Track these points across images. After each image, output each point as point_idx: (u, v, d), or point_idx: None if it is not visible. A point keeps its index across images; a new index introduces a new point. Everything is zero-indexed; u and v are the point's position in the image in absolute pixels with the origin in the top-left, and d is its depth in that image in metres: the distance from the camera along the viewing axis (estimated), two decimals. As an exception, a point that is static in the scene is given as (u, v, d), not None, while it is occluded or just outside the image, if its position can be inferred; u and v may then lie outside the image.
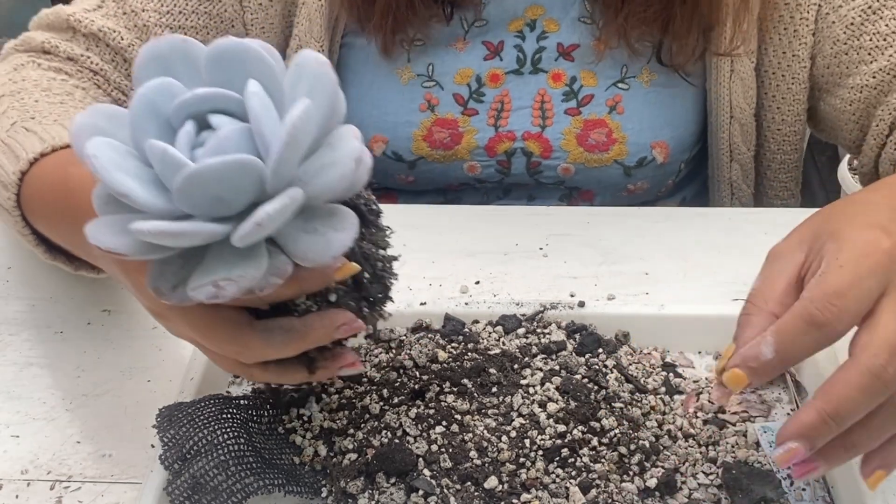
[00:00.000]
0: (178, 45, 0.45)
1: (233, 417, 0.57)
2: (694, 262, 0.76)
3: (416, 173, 0.90)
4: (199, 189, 0.42)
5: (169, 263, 0.45)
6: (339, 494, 0.55)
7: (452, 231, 0.80)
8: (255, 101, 0.43)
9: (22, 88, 0.72)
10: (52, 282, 0.76)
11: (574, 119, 0.86)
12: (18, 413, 0.64)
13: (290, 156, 0.42)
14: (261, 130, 0.42)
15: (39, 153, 0.61)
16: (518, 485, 0.54)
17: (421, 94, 0.86)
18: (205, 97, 0.44)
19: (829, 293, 0.45)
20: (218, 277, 0.43)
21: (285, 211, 0.42)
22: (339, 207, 0.46)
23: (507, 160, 0.88)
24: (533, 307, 0.66)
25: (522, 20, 0.85)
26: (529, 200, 0.92)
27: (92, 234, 0.43)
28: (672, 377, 0.63)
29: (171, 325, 0.53)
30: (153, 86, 0.44)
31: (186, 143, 0.43)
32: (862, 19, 0.80)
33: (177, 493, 0.52)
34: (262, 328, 0.49)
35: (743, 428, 0.59)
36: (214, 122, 0.44)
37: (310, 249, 0.45)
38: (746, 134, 0.88)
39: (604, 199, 0.91)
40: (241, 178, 0.42)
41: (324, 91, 0.44)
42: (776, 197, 0.94)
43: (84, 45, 0.79)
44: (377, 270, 0.51)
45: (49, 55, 0.79)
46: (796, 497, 0.55)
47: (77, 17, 0.79)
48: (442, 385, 0.60)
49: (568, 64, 0.85)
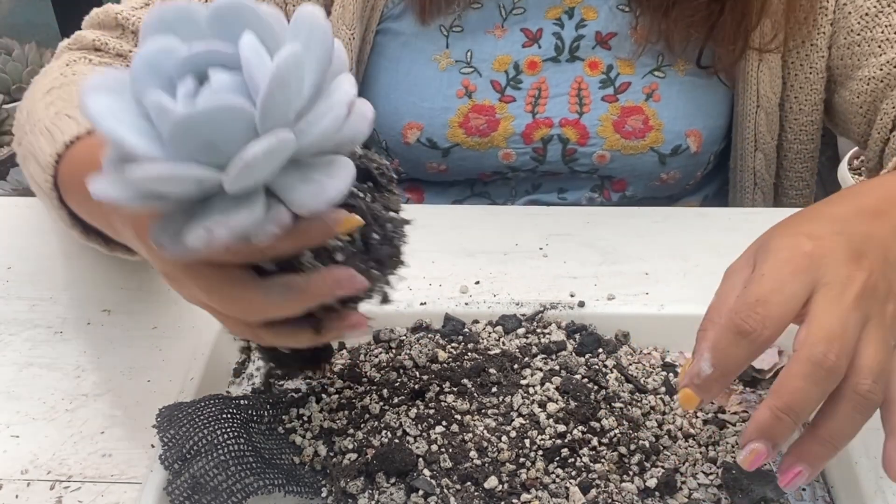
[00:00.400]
0: (182, 8, 0.46)
1: (233, 417, 0.57)
2: (694, 262, 0.76)
3: (449, 161, 0.90)
4: (190, 135, 0.42)
5: (171, 217, 0.45)
6: (338, 494, 0.55)
7: (452, 231, 0.80)
8: (247, 49, 0.43)
9: (71, 82, 0.74)
10: (52, 282, 0.76)
11: (611, 106, 0.87)
12: (18, 413, 0.64)
13: (278, 97, 0.42)
14: (252, 75, 0.43)
15: (76, 135, 0.63)
16: (518, 485, 0.54)
17: (459, 81, 0.87)
18: (204, 53, 0.44)
19: (752, 302, 0.48)
20: (210, 223, 0.43)
21: (274, 151, 0.42)
22: (337, 157, 0.46)
23: (542, 147, 0.88)
24: (533, 307, 0.66)
25: (561, 8, 0.86)
26: (560, 193, 0.92)
27: (94, 188, 0.44)
28: (672, 377, 0.63)
29: (182, 288, 0.52)
30: (154, 44, 0.44)
31: (184, 95, 0.44)
32: (877, 10, 0.81)
33: (177, 493, 0.52)
34: (264, 285, 0.49)
35: (743, 428, 0.59)
36: (213, 77, 0.44)
37: (304, 196, 0.45)
38: (771, 123, 0.89)
39: (636, 188, 0.91)
40: (232, 122, 0.42)
41: (318, 40, 0.45)
42: (791, 187, 0.95)
43: (133, 41, 0.81)
44: (388, 232, 0.50)
45: (100, 52, 0.81)
46: (796, 497, 0.55)
47: (125, 14, 0.81)
48: (442, 385, 0.60)
49: (605, 52, 0.87)
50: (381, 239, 0.50)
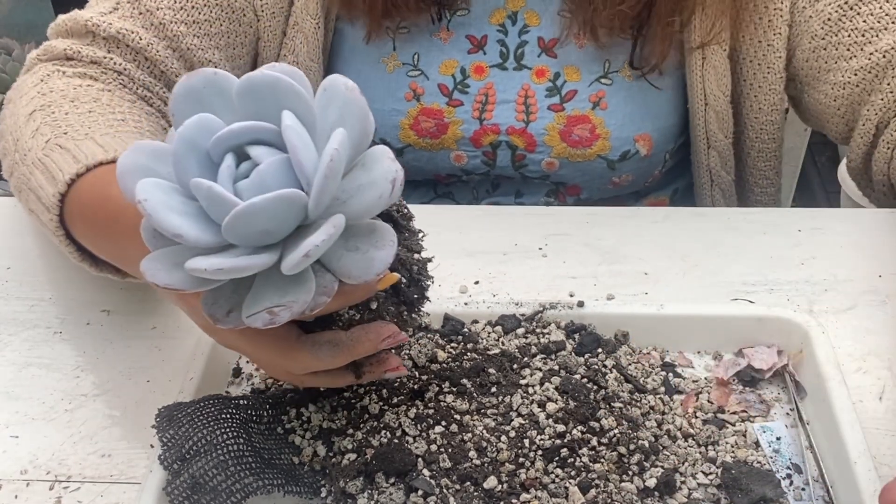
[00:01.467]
0: (211, 78, 0.47)
1: (232, 417, 0.57)
2: (693, 262, 0.76)
3: (404, 161, 0.90)
4: (247, 224, 0.44)
5: (221, 291, 0.48)
6: (338, 494, 0.55)
7: (452, 231, 0.80)
8: (292, 134, 0.45)
9: (52, 102, 0.73)
10: (51, 282, 0.76)
11: (557, 115, 0.87)
12: (18, 413, 0.64)
13: (329, 186, 0.44)
14: (299, 161, 0.45)
15: (76, 174, 0.63)
16: (517, 485, 0.54)
17: (406, 83, 0.87)
18: (240, 131, 0.46)
19: None
20: (271, 304, 0.45)
21: (331, 240, 0.44)
22: (377, 224, 0.48)
23: (492, 152, 0.89)
24: (532, 307, 0.66)
25: (504, 12, 0.86)
26: (517, 196, 0.93)
27: (148, 272, 0.46)
28: (671, 377, 0.63)
29: (224, 339, 0.55)
30: (191, 124, 0.46)
31: (228, 176, 0.46)
32: (839, 15, 0.80)
33: (176, 493, 0.53)
34: (311, 343, 0.52)
35: (742, 428, 0.59)
36: (253, 153, 0.46)
37: (354, 268, 0.47)
38: (722, 122, 0.88)
39: (591, 192, 0.91)
40: (286, 211, 0.45)
41: (354, 115, 0.47)
42: (756, 185, 0.95)
43: (105, 47, 0.80)
44: (413, 274, 0.53)
45: (72, 61, 0.80)
46: (796, 497, 0.55)
47: (95, 21, 0.80)
48: (441, 385, 0.60)
49: (551, 60, 0.86)
50: (409, 281, 0.53)
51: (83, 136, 0.68)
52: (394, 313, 0.53)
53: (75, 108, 0.73)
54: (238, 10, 0.84)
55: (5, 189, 1.77)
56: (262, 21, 0.86)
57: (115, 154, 0.64)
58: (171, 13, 0.81)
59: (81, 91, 0.75)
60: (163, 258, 0.46)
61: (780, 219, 0.80)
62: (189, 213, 0.45)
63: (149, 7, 0.80)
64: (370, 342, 0.52)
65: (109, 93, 0.77)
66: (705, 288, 0.73)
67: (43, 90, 0.76)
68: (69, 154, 0.65)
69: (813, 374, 0.61)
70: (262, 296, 0.46)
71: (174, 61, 0.81)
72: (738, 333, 0.65)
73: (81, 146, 0.65)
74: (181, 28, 0.81)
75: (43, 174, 0.66)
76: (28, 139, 0.70)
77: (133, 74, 0.80)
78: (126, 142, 0.68)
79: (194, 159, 0.46)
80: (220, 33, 0.84)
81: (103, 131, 0.69)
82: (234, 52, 0.86)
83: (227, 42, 0.84)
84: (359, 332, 0.52)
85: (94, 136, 0.68)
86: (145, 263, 0.46)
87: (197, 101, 0.47)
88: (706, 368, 0.65)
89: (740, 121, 0.90)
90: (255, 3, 0.85)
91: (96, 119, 0.72)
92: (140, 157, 0.47)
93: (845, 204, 1.91)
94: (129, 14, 0.81)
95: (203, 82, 0.47)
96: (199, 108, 0.47)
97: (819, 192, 2.19)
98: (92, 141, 0.67)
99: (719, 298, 0.71)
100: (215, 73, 0.47)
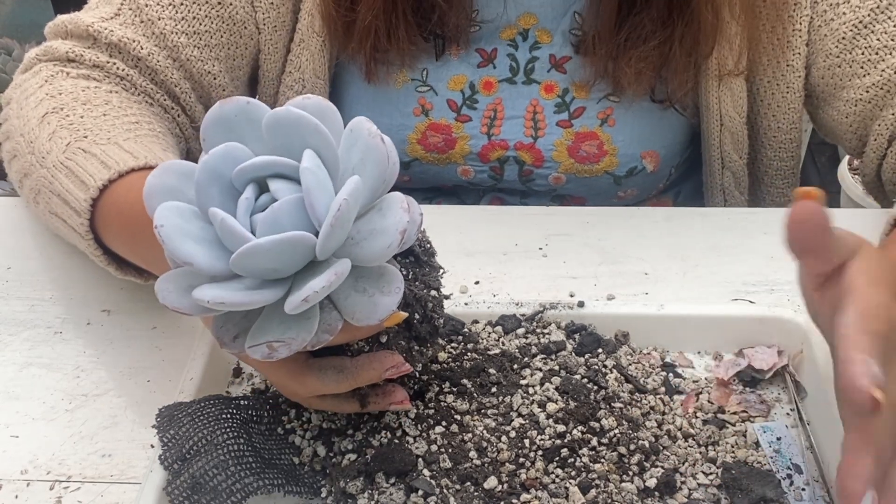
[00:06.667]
0: (243, 107, 0.49)
1: (232, 417, 0.57)
2: (694, 262, 0.75)
3: (411, 173, 0.91)
4: (254, 262, 0.45)
5: (231, 316, 0.49)
6: (338, 494, 0.55)
7: (452, 231, 0.80)
8: (309, 176, 0.46)
9: (64, 104, 0.74)
10: (51, 282, 0.76)
11: (566, 131, 0.86)
12: (18, 413, 0.64)
13: (336, 233, 0.45)
14: (312, 204, 0.46)
15: (108, 180, 0.64)
16: (517, 485, 0.54)
17: (415, 99, 0.87)
18: (262, 165, 0.47)
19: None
20: (272, 339, 0.47)
21: (332, 286, 0.45)
22: (387, 268, 0.49)
23: (499, 167, 0.89)
24: (532, 307, 0.66)
25: (515, 28, 0.85)
26: (523, 198, 0.93)
27: (161, 294, 0.47)
28: (671, 377, 0.63)
29: (240, 354, 0.56)
30: (217, 153, 0.47)
31: (246, 208, 0.47)
32: (854, 34, 0.81)
33: (176, 493, 0.53)
34: (318, 367, 0.53)
35: (742, 428, 0.59)
36: (273, 187, 0.47)
37: (358, 310, 0.48)
38: (738, 143, 0.89)
39: (594, 204, 0.91)
40: (292, 253, 0.46)
41: (374, 160, 0.48)
42: (773, 203, 0.94)
43: (107, 52, 0.80)
44: (427, 311, 0.54)
45: (75, 63, 0.80)
46: (796, 497, 0.55)
47: (96, 27, 0.79)
48: (441, 385, 0.60)
49: (560, 76, 0.86)
50: (422, 318, 0.54)
51: (106, 141, 0.69)
52: (404, 348, 0.54)
53: (89, 111, 0.73)
54: (239, 23, 0.84)
55: (6, 189, 1.77)
56: (264, 34, 0.85)
57: (146, 160, 0.65)
58: (172, 23, 0.81)
59: (91, 93, 0.76)
60: (176, 280, 0.47)
61: (781, 219, 0.80)
62: (205, 238, 0.47)
63: (150, 16, 0.80)
64: (374, 371, 0.53)
65: (117, 94, 0.78)
66: (706, 288, 0.73)
67: (51, 91, 0.76)
68: (96, 159, 0.66)
69: (813, 374, 0.61)
70: (266, 329, 0.48)
71: (174, 71, 0.81)
72: (738, 334, 0.65)
73: (108, 151, 0.67)
74: (182, 39, 0.81)
75: (69, 178, 0.66)
76: (45, 142, 0.70)
77: (135, 81, 0.80)
78: (148, 147, 0.69)
79: (217, 187, 0.47)
80: (221, 45, 0.83)
81: (124, 136, 0.70)
82: (234, 64, 0.85)
83: (228, 54, 0.84)
84: (364, 359, 0.53)
85: (118, 140, 0.69)
86: (159, 284, 0.48)
87: (228, 128, 0.49)
88: (706, 369, 0.65)
89: (757, 140, 0.90)
90: (257, 16, 0.84)
91: (112, 122, 0.72)
92: (169, 178, 0.48)
93: (845, 204, 1.91)
94: (131, 22, 0.80)
95: (235, 111, 0.49)
96: (230, 135, 0.48)
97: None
98: (117, 146, 0.68)
99: (719, 298, 0.71)
100: (248, 103, 0.49)
